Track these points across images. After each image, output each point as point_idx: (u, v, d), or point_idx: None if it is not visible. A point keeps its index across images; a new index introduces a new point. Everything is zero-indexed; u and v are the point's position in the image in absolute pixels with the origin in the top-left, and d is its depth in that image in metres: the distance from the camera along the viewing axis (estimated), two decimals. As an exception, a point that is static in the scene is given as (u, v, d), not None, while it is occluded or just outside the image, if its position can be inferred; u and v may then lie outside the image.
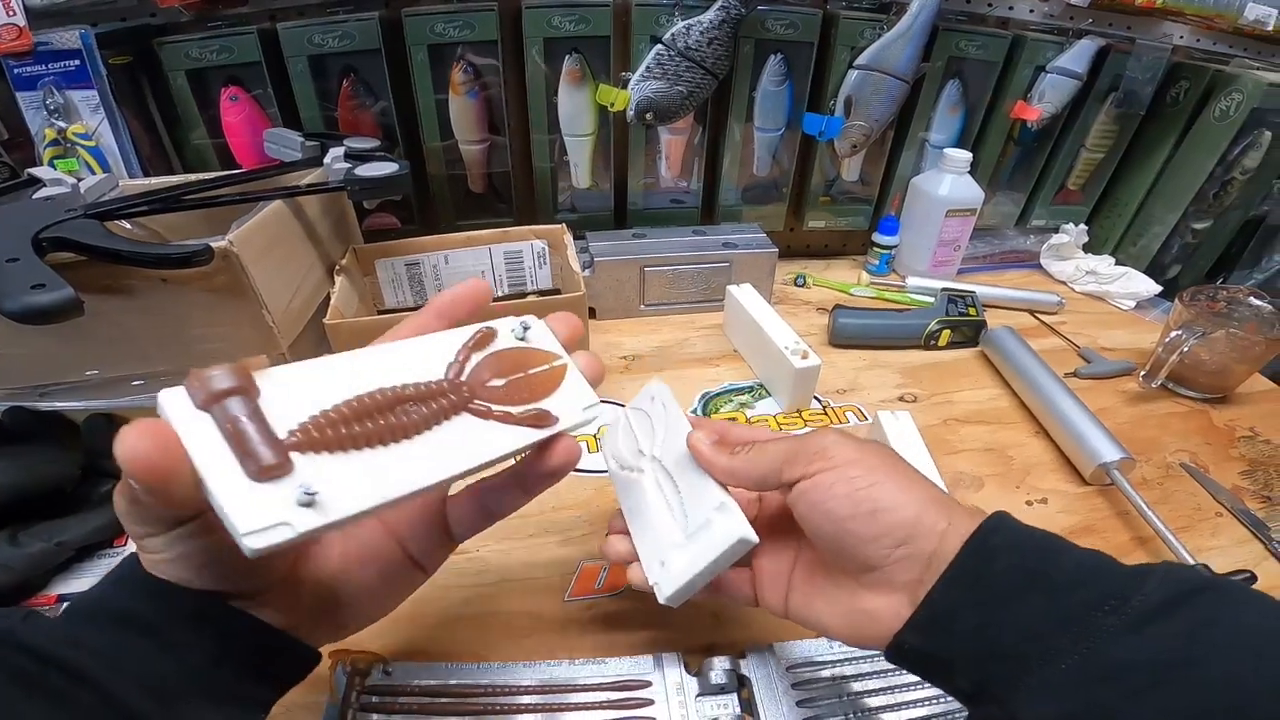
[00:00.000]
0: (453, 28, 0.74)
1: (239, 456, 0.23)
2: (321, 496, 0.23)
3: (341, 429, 0.25)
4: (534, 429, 0.31)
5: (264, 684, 0.32)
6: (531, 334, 0.34)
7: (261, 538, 0.22)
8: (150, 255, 0.45)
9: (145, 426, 0.23)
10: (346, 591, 0.33)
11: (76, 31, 0.66)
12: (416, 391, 0.29)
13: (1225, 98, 0.88)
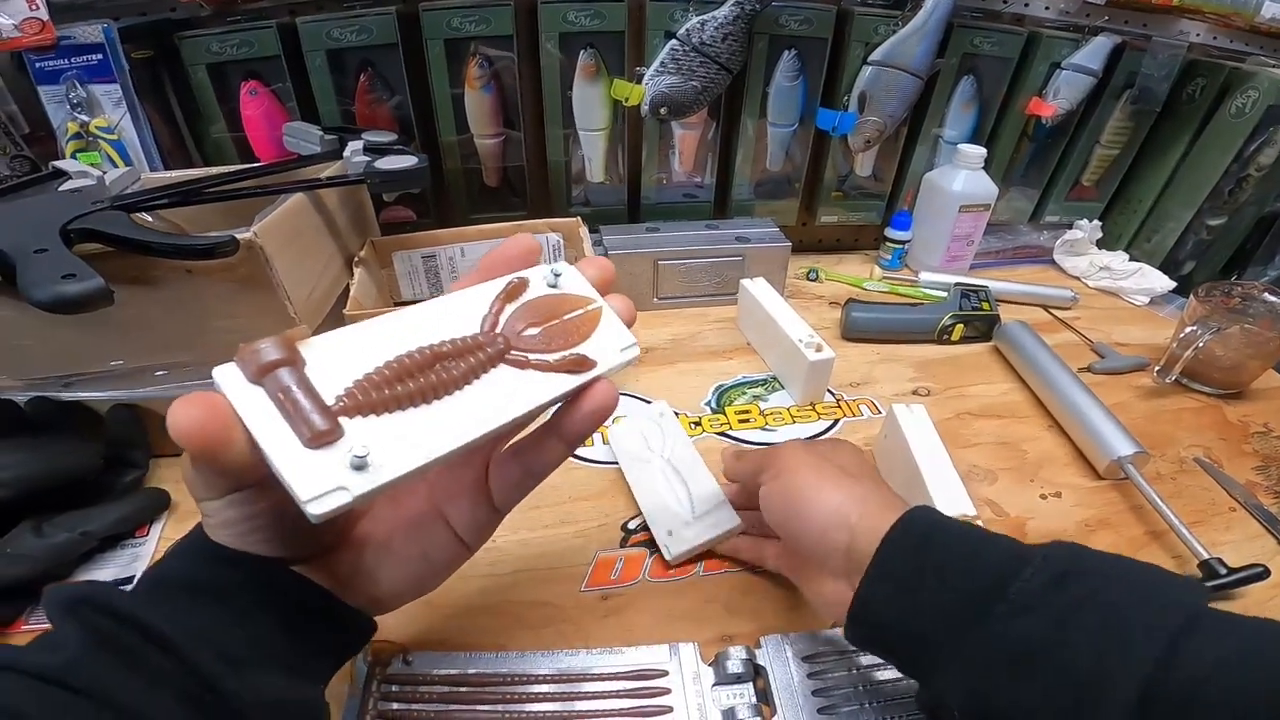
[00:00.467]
0: (469, 22, 0.74)
1: (293, 425, 0.24)
2: (373, 458, 0.24)
3: (385, 390, 0.26)
4: (572, 374, 0.31)
5: (326, 655, 0.33)
6: (563, 280, 0.34)
7: (322, 503, 0.23)
8: (177, 246, 0.45)
9: (196, 398, 0.24)
10: (391, 566, 0.34)
11: (99, 26, 0.67)
12: (453, 347, 0.29)
13: (1241, 95, 0.88)
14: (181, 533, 0.51)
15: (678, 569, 0.51)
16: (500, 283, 0.32)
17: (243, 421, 0.24)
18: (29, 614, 0.47)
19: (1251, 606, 0.50)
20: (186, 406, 0.24)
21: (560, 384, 0.30)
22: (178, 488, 0.57)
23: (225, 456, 0.24)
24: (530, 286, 0.33)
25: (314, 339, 0.27)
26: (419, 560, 0.34)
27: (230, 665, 0.27)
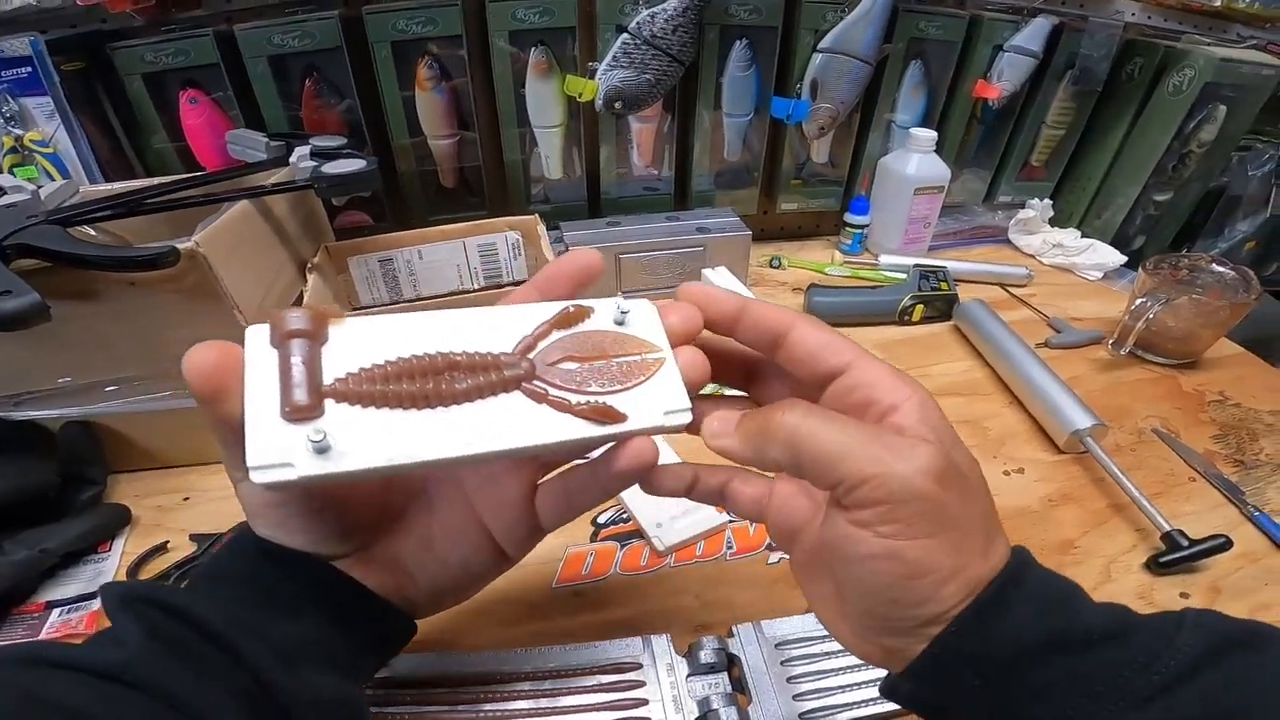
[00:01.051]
0: (415, 24, 0.73)
1: (281, 394, 0.24)
2: (338, 447, 0.24)
3: (380, 385, 0.25)
4: (591, 423, 0.28)
5: (370, 654, 0.33)
6: (632, 318, 0.31)
7: (264, 473, 0.23)
8: (115, 259, 0.44)
9: (214, 344, 0.25)
10: (430, 570, 0.33)
11: (26, 39, 0.65)
12: (467, 360, 0.27)
13: (1178, 73, 0.90)
14: (144, 547, 0.52)
15: (648, 562, 0.51)
16: (557, 305, 0.30)
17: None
18: None
19: (1216, 578, 0.51)
20: (204, 349, 0.24)
21: (574, 428, 0.27)
22: (138, 503, 0.57)
23: (222, 405, 0.24)
24: (591, 317, 0.30)
25: (349, 319, 0.26)
26: (458, 567, 0.34)
27: (281, 662, 0.27)
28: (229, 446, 0.26)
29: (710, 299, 0.31)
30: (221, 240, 0.50)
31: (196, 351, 0.24)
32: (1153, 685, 0.24)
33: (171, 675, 0.25)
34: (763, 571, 0.50)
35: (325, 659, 0.29)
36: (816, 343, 0.30)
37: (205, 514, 0.56)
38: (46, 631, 0.47)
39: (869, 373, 0.29)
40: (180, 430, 0.58)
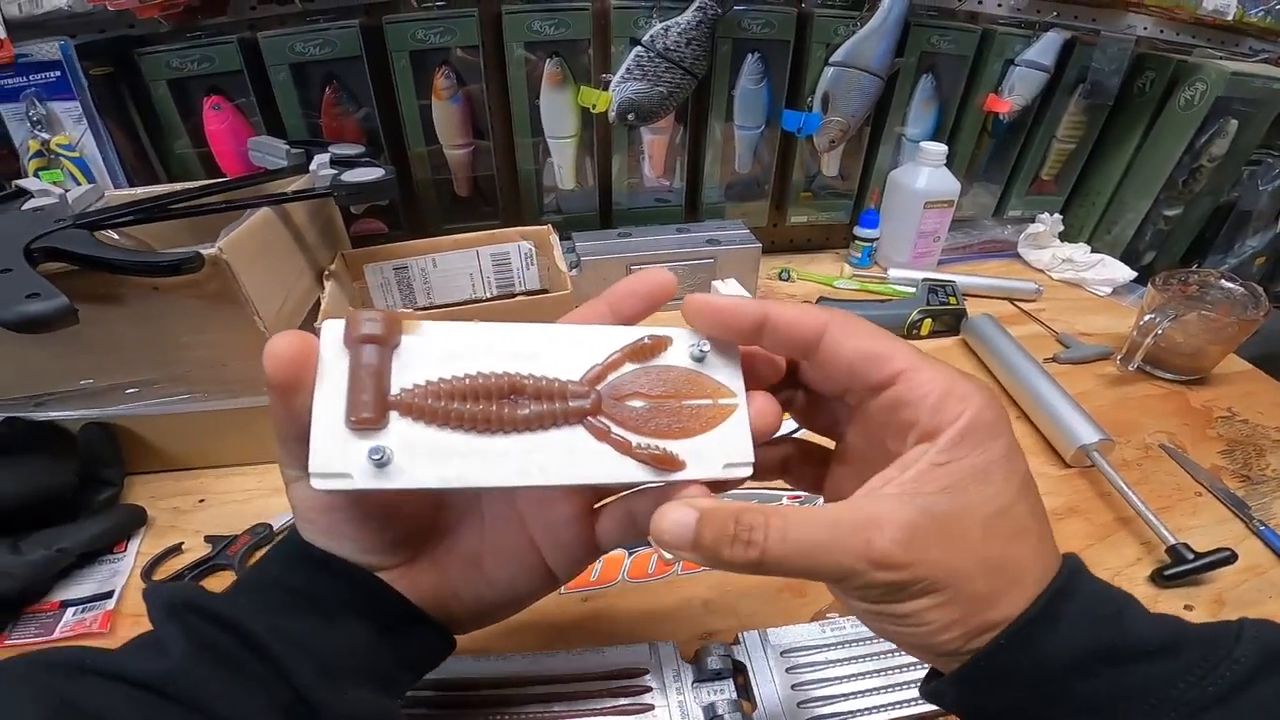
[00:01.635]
0: (434, 34, 0.74)
1: (349, 399, 0.24)
2: (396, 462, 0.24)
3: (441, 402, 0.25)
4: (649, 467, 0.27)
5: (410, 669, 0.33)
6: (711, 358, 0.29)
7: (324, 481, 0.23)
8: (141, 263, 0.45)
9: (295, 334, 0.25)
10: (476, 588, 0.33)
11: (56, 43, 0.66)
12: (534, 386, 0.27)
13: (1190, 87, 0.90)
14: (159, 548, 0.53)
15: (655, 569, 0.51)
16: (633, 334, 0.29)
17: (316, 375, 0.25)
18: (10, 630, 0.47)
19: (1220, 591, 0.51)
20: (287, 337, 0.24)
21: (630, 471, 0.27)
22: (153, 504, 0.57)
23: (293, 397, 0.25)
24: (670, 349, 0.29)
25: (425, 324, 0.26)
26: (506, 586, 0.33)
27: (323, 676, 0.27)
28: (287, 443, 0.27)
29: (724, 313, 0.28)
30: (244, 246, 0.51)
31: (279, 340, 0.24)
32: (1207, 696, 0.24)
33: (214, 689, 0.25)
34: (769, 580, 0.51)
35: (366, 673, 0.29)
36: (854, 353, 0.28)
37: (220, 516, 0.57)
38: (60, 631, 0.47)
39: (916, 388, 0.27)
40: (197, 433, 0.59)
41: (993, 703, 0.27)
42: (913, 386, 0.27)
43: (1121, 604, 0.27)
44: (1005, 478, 0.26)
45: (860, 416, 0.30)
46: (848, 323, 0.28)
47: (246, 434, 0.59)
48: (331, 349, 0.25)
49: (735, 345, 0.30)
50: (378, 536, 0.30)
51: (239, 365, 0.55)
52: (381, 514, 0.30)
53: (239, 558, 0.52)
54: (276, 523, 0.55)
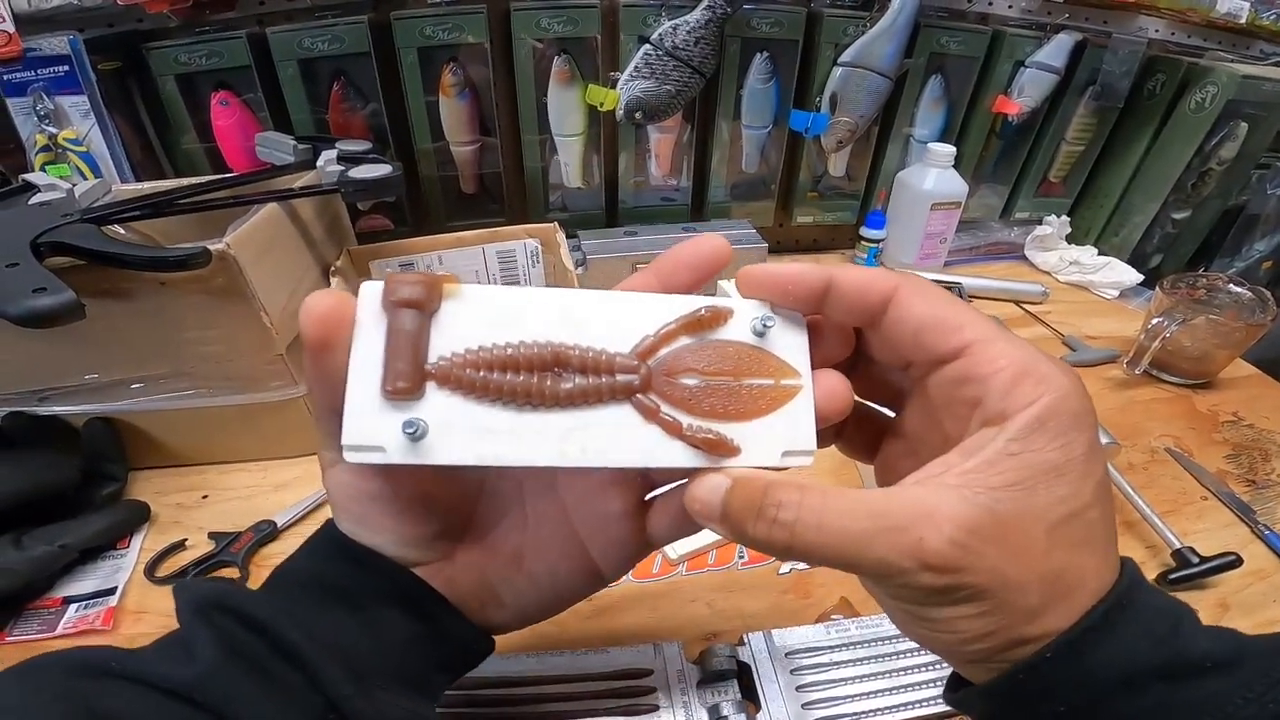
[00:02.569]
0: (442, 30, 0.74)
1: (384, 366, 0.23)
2: (431, 436, 0.23)
3: (480, 373, 0.24)
4: (699, 452, 0.25)
5: (445, 671, 0.31)
6: (775, 333, 0.27)
7: (357, 454, 0.23)
8: (148, 258, 0.45)
9: (334, 295, 0.24)
10: (518, 586, 0.31)
11: (65, 37, 0.66)
12: (579, 356, 0.25)
13: (1200, 90, 0.90)
14: (162, 544, 0.53)
15: (660, 569, 0.51)
16: (691, 303, 0.26)
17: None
18: (12, 626, 0.48)
19: (1224, 595, 0.51)
20: (323, 295, 0.24)
21: (679, 456, 0.25)
22: (157, 500, 0.57)
23: (327, 356, 0.24)
24: (729, 323, 0.26)
25: (466, 288, 0.25)
26: (548, 585, 0.31)
27: (357, 682, 0.26)
28: (323, 418, 0.26)
29: (786, 278, 0.26)
30: (251, 242, 0.51)
31: (316, 297, 0.24)
32: (1267, 713, 0.22)
33: (242, 696, 0.24)
34: (774, 581, 0.51)
35: (399, 675, 0.28)
36: (922, 319, 0.25)
37: (224, 512, 0.57)
38: (63, 627, 0.48)
39: (987, 363, 0.24)
40: (202, 429, 0.59)
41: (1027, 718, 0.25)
42: (983, 361, 0.24)
43: (1178, 616, 0.25)
44: (1082, 478, 0.23)
45: (923, 391, 0.27)
46: (919, 287, 0.26)
47: (251, 430, 0.60)
48: (369, 312, 0.24)
49: (802, 319, 0.27)
50: (416, 529, 0.29)
51: (244, 361, 0.55)
52: (421, 505, 0.29)
53: (242, 555, 0.52)
54: (280, 520, 0.55)
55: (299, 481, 0.60)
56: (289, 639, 0.26)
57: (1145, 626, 0.24)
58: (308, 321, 0.24)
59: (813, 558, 0.23)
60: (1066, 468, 0.23)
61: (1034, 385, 0.23)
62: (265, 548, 0.54)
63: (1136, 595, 0.24)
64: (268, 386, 0.57)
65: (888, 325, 0.26)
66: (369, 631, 0.28)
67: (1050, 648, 0.23)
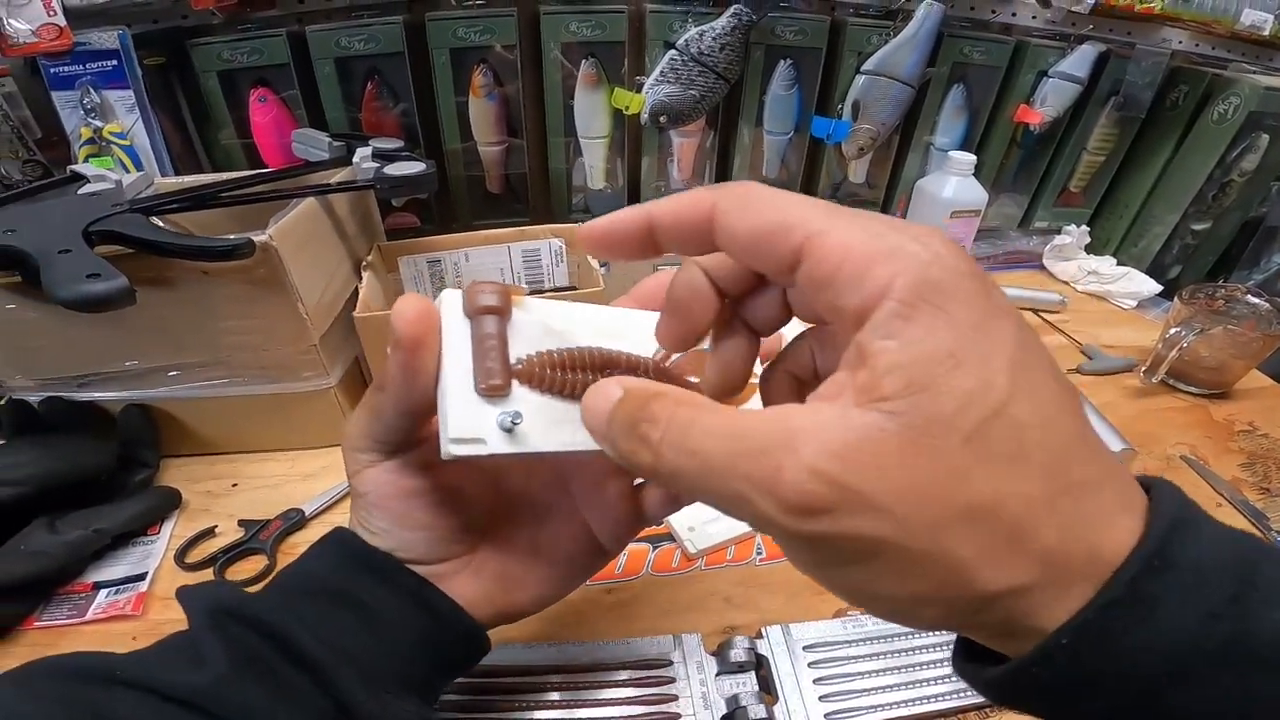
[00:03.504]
0: (474, 32, 0.76)
1: (476, 367, 0.25)
2: (522, 427, 0.25)
3: (556, 372, 0.26)
4: None
5: (446, 672, 0.32)
6: None
7: (461, 445, 0.24)
8: (197, 247, 0.47)
9: (420, 299, 0.25)
10: (536, 575, 0.33)
11: (115, 32, 0.68)
12: (627, 361, 0.28)
13: (1223, 101, 0.90)
14: (192, 530, 0.54)
15: (679, 564, 0.52)
16: None
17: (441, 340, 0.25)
18: (41, 611, 0.48)
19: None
20: (413, 298, 0.25)
21: None
22: (187, 487, 0.58)
23: (418, 356, 0.25)
24: None
25: (527, 299, 0.28)
26: (565, 567, 0.34)
27: (366, 686, 0.27)
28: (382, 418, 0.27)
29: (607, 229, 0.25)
30: (291, 235, 0.52)
31: (406, 301, 0.25)
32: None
33: (254, 704, 0.25)
34: (792, 576, 0.51)
35: (406, 680, 0.29)
36: (750, 234, 0.21)
37: (253, 500, 0.58)
38: (93, 612, 0.48)
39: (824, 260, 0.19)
40: (234, 417, 0.60)
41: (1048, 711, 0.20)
42: (822, 260, 0.19)
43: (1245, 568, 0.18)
44: (984, 361, 0.18)
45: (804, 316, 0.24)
46: (741, 197, 0.21)
47: (281, 419, 0.61)
48: (453, 317, 0.26)
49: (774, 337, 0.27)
50: (450, 520, 0.30)
51: (279, 351, 0.56)
52: (453, 499, 0.30)
53: (271, 542, 0.53)
54: (308, 508, 0.56)
55: (327, 471, 0.61)
56: (301, 645, 0.26)
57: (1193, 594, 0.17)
58: (402, 323, 0.24)
59: (680, 486, 0.20)
60: (962, 352, 0.17)
61: (884, 265, 0.18)
62: (293, 535, 0.55)
63: (1179, 547, 0.18)
64: (300, 376, 0.58)
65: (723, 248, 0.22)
66: (378, 636, 0.28)
67: (1066, 631, 0.18)
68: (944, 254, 0.18)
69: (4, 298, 0.50)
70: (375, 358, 0.62)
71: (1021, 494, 0.17)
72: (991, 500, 0.17)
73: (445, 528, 0.30)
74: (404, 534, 0.30)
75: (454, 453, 0.24)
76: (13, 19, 0.64)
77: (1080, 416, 0.19)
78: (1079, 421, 0.19)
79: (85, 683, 0.25)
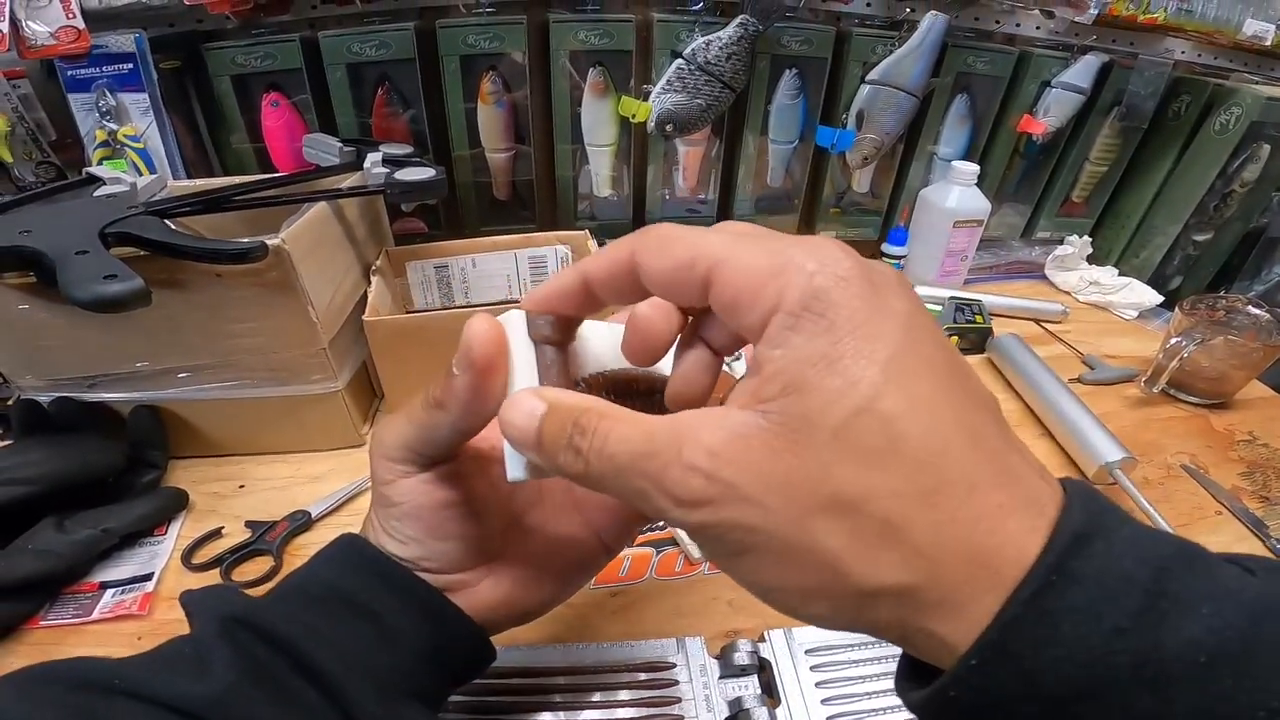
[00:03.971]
0: (484, 39, 0.77)
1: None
2: None
3: (607, 393, 0.26)
4: None
5: (454, 680, 0.32)
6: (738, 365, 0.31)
7: (534, 472, 0.24)
8: (211, 250, 0.47)
9: (492, 321, 0.25)
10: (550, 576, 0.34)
11: (131, 35, 0.69)
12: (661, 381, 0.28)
13: (1225, 111, 0.91)
14: (199, 531, 0.54)
15: (683, 569, 0.53)
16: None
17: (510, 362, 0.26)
18: (47, 610, 0.48)
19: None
20: (487, 320, 0.25)
21: None
22: (194, 488, 0.59)
23: (490, 378, 0.25)
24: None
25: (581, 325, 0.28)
26: (576, 568, 0.34)
27: (377, 697, 0.27)
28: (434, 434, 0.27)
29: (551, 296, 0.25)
30: (303, 239, 0.53)
31: (480, 323, 0.24)
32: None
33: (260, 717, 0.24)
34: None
35: (415, 689, 0.29)
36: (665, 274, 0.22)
37: (259, 502, 0.58)
38: (99, 612, 0.48)
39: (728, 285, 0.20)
40: (242, 419, 0.61)
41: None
42: (723, 286, 0.21)
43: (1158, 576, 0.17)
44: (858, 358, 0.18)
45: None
46: (657, 239, 0.22)
47: (289, 422, 0.61)
48: (518, 341, 0.26)
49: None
50: (479, 532, 0.31)
51: (288, 354, 0.57)
52: (480, 510, 0.31)
53: (277, 543, 0.53)
54: (315, 510, 0.56)
55: (334, 474, 0.61)
56: (312, 656, 0.26)
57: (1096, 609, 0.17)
58: (478, 345, 0.24)
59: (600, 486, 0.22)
60: (836, 352, 0.18)
61: (775, 281, 0.19)
62: (299, 537, 0.55)
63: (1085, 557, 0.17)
64: (309, 379, 0.59)
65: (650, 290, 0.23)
66: (389, 645, 0.28)
67: (974, 652, 0.18)
68: (829, 262, 0.19)
69: (16, 298, 0.51)
70: (383, 361, 0.62)
71: (888, 488, 0.18)
72: (857, 493, 0.18)
73: (474, 538, 0.31)
74: (435, 544, 0.30)
75: (524, 479, 0.24)
76: (31, 21, 0.65)
77: (977, 416, 0.19)
78: (972, 421, 0.19)
79: (84, 691, 0.24)
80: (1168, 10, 0.86)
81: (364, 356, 0.64)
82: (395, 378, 0.63)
